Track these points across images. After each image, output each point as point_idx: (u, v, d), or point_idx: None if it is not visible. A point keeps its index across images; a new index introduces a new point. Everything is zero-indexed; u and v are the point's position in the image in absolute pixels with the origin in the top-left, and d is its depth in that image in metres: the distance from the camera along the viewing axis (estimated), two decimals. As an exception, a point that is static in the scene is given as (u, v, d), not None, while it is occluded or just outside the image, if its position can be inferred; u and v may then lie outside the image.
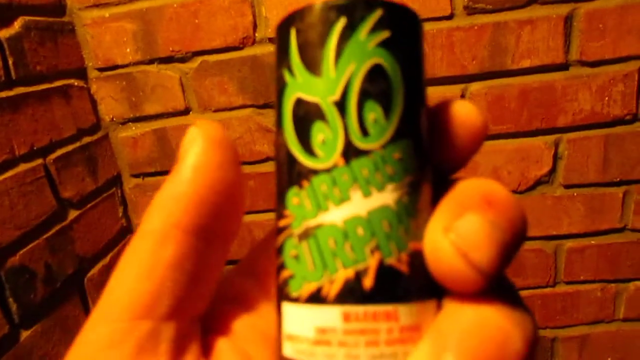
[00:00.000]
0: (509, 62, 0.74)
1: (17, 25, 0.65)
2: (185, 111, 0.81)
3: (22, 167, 0.62)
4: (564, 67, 0.74)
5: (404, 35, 0.16)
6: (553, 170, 0.79)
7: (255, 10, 0.75)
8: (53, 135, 0.69)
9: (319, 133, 0.16)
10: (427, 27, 0.73)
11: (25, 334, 0.60)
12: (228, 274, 0.22)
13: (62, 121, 0.72)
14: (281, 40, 0.17)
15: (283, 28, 0.17)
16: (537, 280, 0.86)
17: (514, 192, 0.80)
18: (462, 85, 0.76)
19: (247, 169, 0.83)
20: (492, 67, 0.75)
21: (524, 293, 0.87)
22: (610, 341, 0.89)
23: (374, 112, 0.15)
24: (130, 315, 0.16)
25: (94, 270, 0.75)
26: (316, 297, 0.15)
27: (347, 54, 0.15)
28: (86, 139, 0.77)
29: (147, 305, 0.16)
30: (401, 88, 0.16)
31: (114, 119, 0.82)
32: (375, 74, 0.16)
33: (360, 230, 0.15)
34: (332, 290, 0.15)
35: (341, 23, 0.15)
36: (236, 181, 0.18)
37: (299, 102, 0.16)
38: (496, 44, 0.73)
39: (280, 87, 0.17)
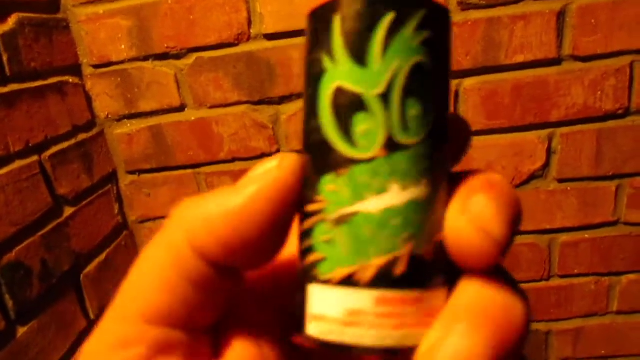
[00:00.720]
0: (502, 57, 0.75)
1: (12, 21, 0.65)
2: (181, 108, 0.81)
3: (18, 163, 0.62)
4: (556, 62, 0.75)
5: (443, 36, 0.17)
6: (547, 164, 0.80)
7: (250, 6, 0.75)
8: (48, 131, 0.69)
9: (361, 124, 0.16)
10: (421, 22, 0.74)
11: (21, 330, 0.60)
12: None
13: (58, 118, 0.72)
14: (320, 25, 0.17)
15: (324, 13, 0.17)
16: (532, 274, 0.87)
17: (508, 186, 0.81)
18: (456, 81, 0.77)
19: (242, 165, 0.83)
20: (486, 62, 0.75)
21: (518, 287, 0.88)
22: (604, 334, 0.90)
23: (414, 109, 0.16)
24: (145, 319, 0.16)
25: (90, 267, 0.75)
26: (349, 281, 0.16)
27: (394, 49, 0.16)
28: (82, 136, 0.77)
29: (161, 314, 0.16)
30: (438, 88, 0.17)
31: (109, 116, 0.82)
32: (418, 72, 0.16)
33: (395, 221, 0.16)
34: (366, 275, 0.16)
35: (390, 16, 0.16)
36: (283, 231, 0.17)
37: (341, 91, 0.16)
38: (490, 40, 0.74)
39: (317, 72, 0.17)
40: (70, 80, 0.76)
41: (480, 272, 0.16)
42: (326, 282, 0.16)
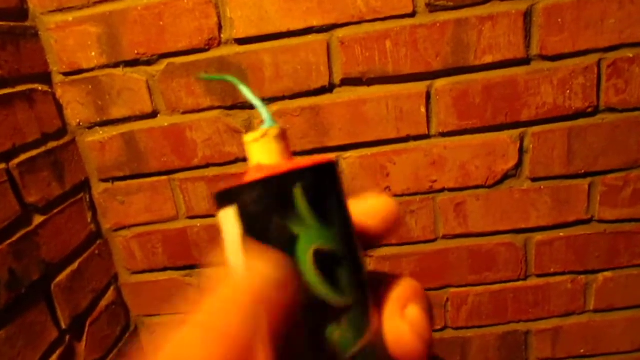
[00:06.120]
0: (471, 58, 0.75)
1: (-24, 29, 0.64)
2: (153, 114, 0.81)
3: (-18, 171, 0.62)
4: (525, 61, 0.75)
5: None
6: (519, 163, 0.80)
7: (220, 11, 0.75)
8: (16, 140, 0.69)
9: (342, 276, 0.19)
10: (391, 25, 0.74)
11: (-14, 341, 0.59)
12: None
13: (26, 126, 0.71)
14: (280, 195, 0.19)
15: (282, 186, 0.19)
16: (509, 274, 0.87)
17: (483, 186, 0.81)
18: (427, 82, 0.77)
19: (217, 170, 0.83)
20: (456, 63, 0.76)
21: (496, 287, 0.88)
22: (582, 332, 0.90)
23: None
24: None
25: (61, 276, 0.74)
26: None
27: (344, 203, 0.20)
28: (52, 144, 0.76)
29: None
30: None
31: (81, 124, 0.81)
32: (346, 211, 0.21)
33: (382, 341, 0.19)
34: None
35: (339, 181, 0.20)
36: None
37: (319, 252, 0.18)
38: (459, 40, 0.74)
39: (287, 239, 0.18)
40: (40, 88, 0.76)
41: None
42: None
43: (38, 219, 0.71)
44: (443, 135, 0.79)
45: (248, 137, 0.21)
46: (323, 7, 0.74)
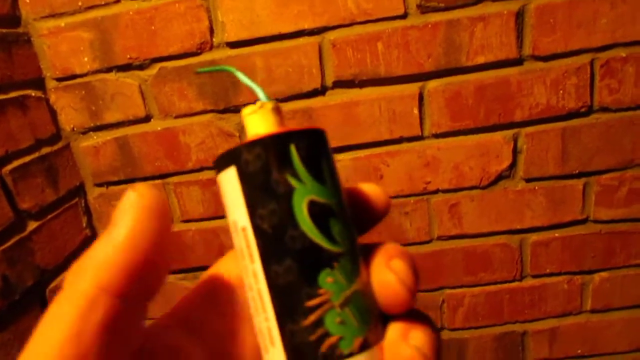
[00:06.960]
0: (463, 58, 0.75)
1: (-33, 36, 0.64)
2: (146, 118, 0.81)
3: (-26, 178, 0.62)
4: (518, 62, 0.75)
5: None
6: (513, 164, 0.80)
7: (211, 15, 0.75)
8: (9, 146, 0.69)
9: (335, 226, 0.21)
10: (382, 26, 0.74)
11: (-21, 347, 0.59)
12: (159, 325, 0.22)
13: (19, 132, 0.71)
14: (278, 152, 0.21)
15: (279, 143, 0.21)
16: (504, 275, 0.86)
17: (477, 187, 0.81)
18: (419, 84, 0.77)
19: (210, 174, 0.83)
20: (448, 64, 0.75)
21: (492, 288, 0.88)
22: (579, 333, 0.90)
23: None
24: None
25: (56, 281, 0.75)
26: (366, 344, 0.20)
27: (334, 169, 0.22)
28: (45, 150, 0.76)
29: None
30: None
31: (75, 129, 0.82)
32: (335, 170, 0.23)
33: (369, 287, 0.21)
34: (375, 335, 0.21)
35: (328, 144, 0.22)
36: (165, 248, 0.20)
37: (314, 203, 0.20)
38: (450, 41, 0.74)
39: (287, 190, 0.20)
40: (33, 94, 0.76)
41: (401, 314, 0.21)
42: (349, 355, 0.20)
43: (32, 225, 0.72)
44: (436, 136, 0.79)
45: (246, 110, 0.23)
46: (314, 9, 0.74)
